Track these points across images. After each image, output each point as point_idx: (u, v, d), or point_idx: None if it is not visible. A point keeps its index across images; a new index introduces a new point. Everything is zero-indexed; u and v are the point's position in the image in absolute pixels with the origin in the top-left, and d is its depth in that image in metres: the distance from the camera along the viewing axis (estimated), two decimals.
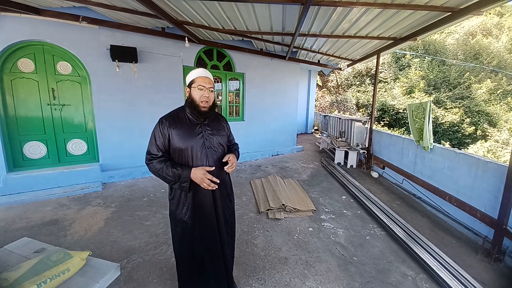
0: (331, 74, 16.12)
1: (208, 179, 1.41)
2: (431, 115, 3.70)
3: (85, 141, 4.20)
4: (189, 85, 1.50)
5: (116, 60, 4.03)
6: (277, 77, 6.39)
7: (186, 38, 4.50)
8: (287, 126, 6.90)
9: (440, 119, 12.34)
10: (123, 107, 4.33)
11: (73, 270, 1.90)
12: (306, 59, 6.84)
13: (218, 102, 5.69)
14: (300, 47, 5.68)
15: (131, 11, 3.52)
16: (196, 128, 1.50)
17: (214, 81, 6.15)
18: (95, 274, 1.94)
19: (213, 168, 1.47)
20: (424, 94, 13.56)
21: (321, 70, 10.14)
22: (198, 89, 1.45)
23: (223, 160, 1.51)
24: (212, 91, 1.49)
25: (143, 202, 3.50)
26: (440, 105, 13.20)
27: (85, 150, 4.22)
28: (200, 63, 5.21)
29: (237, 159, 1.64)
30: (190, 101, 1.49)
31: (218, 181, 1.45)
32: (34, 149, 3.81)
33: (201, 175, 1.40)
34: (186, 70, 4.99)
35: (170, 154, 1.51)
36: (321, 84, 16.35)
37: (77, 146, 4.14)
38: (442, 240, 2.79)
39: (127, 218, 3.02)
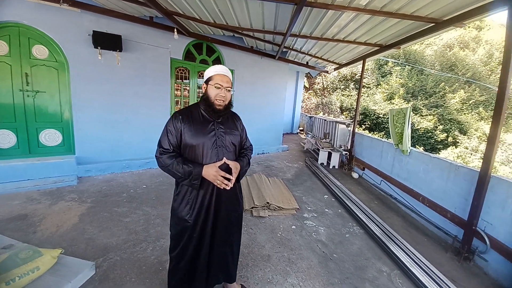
0: (318, 77, 16.44)
1: (222, 176, 1.37)
2: (410, 121, 3.90)
3: (60, 132, 3.93)
4: (206, 82, 1.46)
5: (99, 47, 3.81)
6: (266, 76, 6.40)
7: (175, 30, 4.36)
8: (274, 126, 6.95)
9: (416, 125, 13.08)
10: (104, 97, 4.11)
11: (43, 268, 1.77)
12: (295, 60, 6.92)
13: None
14: (290, 47, 5.73)
15: None
16: (208, 125, 1.46)
17: (202, 76, 5.76)
18: (68, 273, 1.82)
19: (224, 161, 1.42)
20: (403, 100, 14.30)
21: (308, 72, 10.30)
22: (215, 87, 1.42)
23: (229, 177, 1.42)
24: (229, 90, 1.46)
25: (122, 198, 3.36)
26: (416, 112, 13.98)
27: (60, 141, 3.96)
28: (188, 56, 5.08)
29: (248, 165, 1.61)
30: (205, 98, 1.45)
31: (232, 178, 1.40)
32: (3, 138, 3.51)
33: (213, 173, 1.36)
34: (174, 62, 4.84)
35: (181, 150, 1.46)
36: (307, 86, 16.63)
37: (50, 137, 3.87)
38: (415, 238, 2.96)
39: (104, 215, 2.88)
